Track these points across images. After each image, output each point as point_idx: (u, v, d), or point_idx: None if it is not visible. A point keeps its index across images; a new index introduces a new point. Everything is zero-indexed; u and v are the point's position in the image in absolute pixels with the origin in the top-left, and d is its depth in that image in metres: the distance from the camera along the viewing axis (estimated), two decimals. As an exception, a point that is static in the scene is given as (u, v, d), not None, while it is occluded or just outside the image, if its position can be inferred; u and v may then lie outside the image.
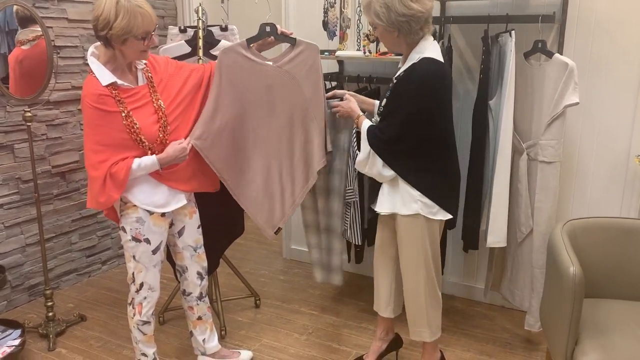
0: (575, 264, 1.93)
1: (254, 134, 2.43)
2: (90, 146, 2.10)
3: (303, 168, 2.50)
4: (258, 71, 2.38)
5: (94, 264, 3.69)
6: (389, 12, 2.04)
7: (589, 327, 2.03)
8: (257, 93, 2.40)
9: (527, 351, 2.76)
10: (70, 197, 3.47)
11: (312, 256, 2.87)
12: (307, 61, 2.41)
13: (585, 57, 2.76)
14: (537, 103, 2.56)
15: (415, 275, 2.29)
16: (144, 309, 2.33)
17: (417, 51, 2.13)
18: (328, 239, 2.79)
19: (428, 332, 2.35)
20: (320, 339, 2.89)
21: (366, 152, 2.22)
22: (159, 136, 2.18)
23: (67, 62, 3.33)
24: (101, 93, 2.06)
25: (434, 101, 2.11)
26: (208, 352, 2.60)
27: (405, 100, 2.12)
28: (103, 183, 2.09)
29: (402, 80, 2.15)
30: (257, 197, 2.48)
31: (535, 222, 2.62)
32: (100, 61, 2.12)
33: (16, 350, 2.57)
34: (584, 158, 2.87)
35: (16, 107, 3.06)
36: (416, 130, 2.13)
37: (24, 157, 3.16)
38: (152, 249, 2.25)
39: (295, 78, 2.40)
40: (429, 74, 2.08)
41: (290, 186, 2.51)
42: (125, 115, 2.10)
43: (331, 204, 2.73)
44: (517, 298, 2.78)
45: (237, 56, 2.35)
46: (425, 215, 2.19)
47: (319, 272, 2.88)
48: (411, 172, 2.18)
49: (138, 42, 2.07)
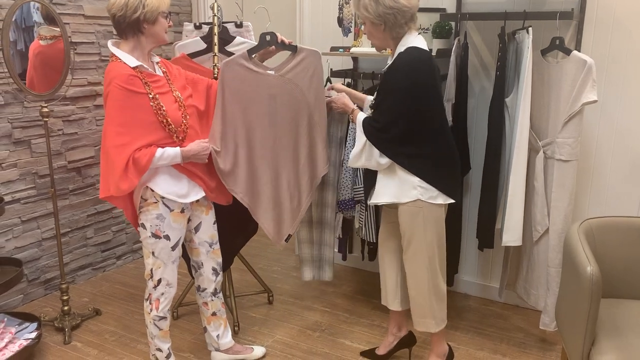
0: (592, 263, 1.90)
1: (261, 144, 2.45)
2: (113, 129, 2.09)
3: (309, 175, 2.55)
4: (261, 82, 2.39)
5: (108, 258, 3.72)
6: (377, 5, 2.13)
7: (606, 327, 2.00)
8: (261, 104, 2.41)
9: (542, 351, 2.74)
10: (86, 192, 3.50)
11: (302, 252, 2.83)
12: (309, 68, 2.44)
13: (604, 54, 2.72)
14: (554, 101, 2.53)
15: (418, 264, 2.30)
16: (161, 304, 2.35)
17: (403, 44, 2.19)
18: (320, 232, 2.79)
19: (433, 322, 2.36)
20: (333, 336, 2.89)
21: (362, 144, 2.25)
22: (182, 122, 2.21)
23: (84, 58, 3.36)
24: (130, 74, 2.09)
25: (421, 85, 2.16)
26: (222, 348, 2.61)
27: (393, 87, 2.17)
28: (125, 167, 2.07)
29: (389, 70, 2.21)
30: (267, 208, 2.50)
31: (552, 221, 2.59)
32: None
33: (32, 343, 2.59)
34: (601, 156, 2.83)
35: (33, 102, 3.08)
36: (407, 115, 2.17)
37: (41, 152, 3.19)
38: (171, 245, 2.26)
39: (299, 86, 2.43)
40: (412, 58, 2.15)
41: (297, 194, 2.55)
42: (153, 97, 2.13)
43: (325, 195, 2.74)
44: (532, 297, 2.76)
45: (239, 68, 2.36)
46: (426, 200, 2.21)
47: (308, 270, 2.84)
48: (407, 158, 2.21)
49: (164, 20, 2.15)
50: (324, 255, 2.81)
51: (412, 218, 2.25)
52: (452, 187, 2.28)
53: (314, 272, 2.85)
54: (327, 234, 2.77)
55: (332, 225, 2.76)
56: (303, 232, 2.79)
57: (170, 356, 2.47)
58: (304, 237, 2.81)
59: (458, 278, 3.27)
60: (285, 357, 2.70)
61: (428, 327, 2.38)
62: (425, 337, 2.83)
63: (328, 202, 2.74)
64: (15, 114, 3.04)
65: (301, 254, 2.82)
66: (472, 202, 3.11)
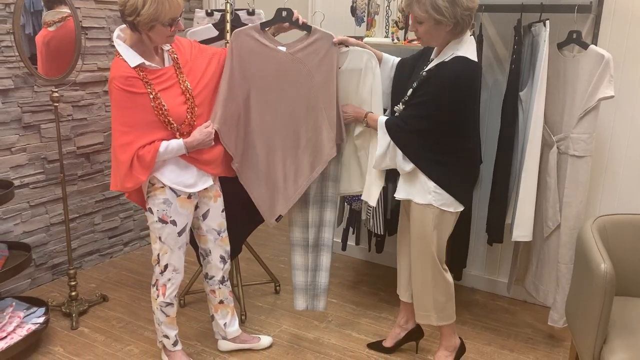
0: (606, 261, 1.88)
1: (261, 119, 2.40)
2: (118, 127, 2.11)
3: (308, 157, 2.43)
4: (269, 56, 2.35)
5: (116, 245, 3.72)
6: (454, 6, 2.00)
7: (618, 325, 1.98)
8: (266, 78, 2.37)
9: (550, 347, 2.73)
10: (94, 179, 3.50)
11: (295, 280, 2.61)
12: (321, 50, 2.36)
13: (621, 49, 2.68)
14: (570, 95, 2.50)
15: (422, 261, 2.32)
16: (168, 290, 2.34)
17: (453, 47, 2.11)
18: (316, 257, 2.57)
19: (435, 316, 2.37)
20: (340, 327, 2.89)
21: (385, 144, 2.22)
22: (186, 117, 2.18)
23: (94, 43, 3.34)
24: (129, 75, 2.06)
25: (462, 100, 2.11)
26: (229, 337, 2.61)
27: (434, 95, 2.10)
28: (130, 166, 2.10)
29: (433, 74, 2.12)
30: (259, 183, 2.46)
31: (564, 217, 2.57)
32: (127, 44, 2.12)
33: (40, 328, 2.60)
34: (614, 153, 2.80)
35: (43, 87, 3.07)
36: (440, 125, 2.13)
37: (50, 138, 3.18)
38: (177, 230, 2.26)
39: (307, 66, 2.36)
40: (460, 72, 2.07)
41: (293, 175, 2.45)
42: (154, 97, 2.10)
43: (323, 214, 2.54)
44: (541, 293, 2.75)
45: (249, 39, 2.33)
46: (438, 207, 2.20)
47: (301, 299, 2.62)
48: (430, 164, 2.19)
49: (165, 29, 2.06)
50: (319, 283, 2.59)
51: (421, 219, 2.25)
52: (465, 196, 2.28)
53: (308, 302, 2.62)
54: (323, 257, 2.56)
55: (329, 247, 2.55)
56: (297, 257, 2.58)
57: (177, 343, 2.47)
58: (298, 263, 2.58)
59: (466, 272, 3.25)
60: (292, 347, 2.70)
61: (430, 320, 2.39)
62: (433, 330, 2.82)
63: (325, 221, 2.54)
64: (25, 98, 3.03)
65: (295, 282, 2.61)
66: (483, 197, 3.08)
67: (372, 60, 2.36)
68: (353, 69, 2.38)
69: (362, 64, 2.37)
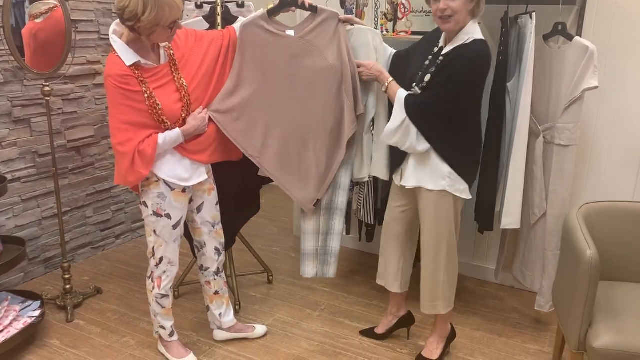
0: (592, 247, 1.95)
1: (283, 109, 2.40)
2: (115, 125, 2.12)
3: (338, 137, 2.44)
4: (280, 44, 2.36)
5: (108, 237, 3.74)
6: None
7: (603, 309, 2.06)
8: (281, 67, 2.37)
9: (537, 331, 2.81)
10: (85, 172, 3.50)
11: (305, 245, 2.55)
12: (329, 29, 2.36)
13: (604, 40, 2.74)
14: (555, 86, 2.56)
15: (437, 251, 2.33)
16: (163, 282, 2.38)
17: (468, 32, 2.15)
18: (328, 220, 2.56)
19: (442, 305, 2.40)
20: (333, 315, 2.94)
21: (400, 120, 2.19)
22: (181, 116, 2.19)
23: (83, 36, 3.33)
24: (125, 73, 2.06)
25: (481, 81, 2.16)
26: (224, 326, 2.65)
27: (459, 76, 2.12)
28: (132, 161, 2.11)
29: (457, 56, 2.12)
30: (292, 173, 2.44)
31: (549, 205, 2.64)
32: (123, 40, 2.09)
33: (37, 321, 2.62)
34: (598, 142, 2.87)
35: (33, 81, 3.06)
36: (462, 106, 2.16)
37: (41, 132, 3.18)
38: (172, 224, 2.28)
39: (318, 47, 2.36)
40: (484, 55, 2.12)
41: (325, 158, 2.44)
42: (148, 96, 2.10)
43: (337, 175, 2.52)
44: (528, 279, 2.82)
45: (259, 30, 2.34)
46: (452, 192, 2.23)
47: (310, 265, 2.57)
48: (448, 147, 2.20)
49: (165, 31, 2.05)
50: (330, 247, 2.58)
51: (436, 206, 2.26)
52: (471, 183, 2.32)
53: (317, 268, 2.59)
54: (336, 220, 2.55)
55: (343, 210, 2.54)
56: (308, 222, 2.54)
57: (173, 334, 2.51)
58: (308, 227, 2.54)
59: (455, 260, 3.31)
60: (286, 335, 2.75)
61: (437, 309, 2.41)
62: (423, 316, 2.89)
63: (340, 184, 2.53)
64: (14, 92, 3.02)
65: (304, 248, 2.55)
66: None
67: (376, 38, 2.40)
68: (358, 46, 2.41)
69: (367, 41, 2.40)
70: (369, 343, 2.69)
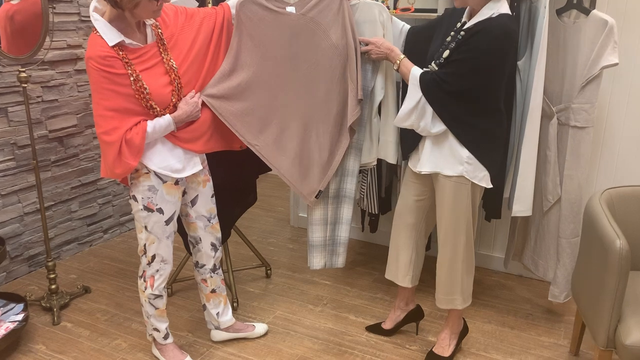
0: (621, 237, 1.81)
1: (283, 92, 2.23)
2: (99, 112, 1.93)
3: (342, 122, 2.28)
4: (281, 22, 2.18)
5: (95, 232, 3.55)
6: None
7: (631, 302, 1.93)
8: (282, 47, 2.19)
9: (550, 322, 2.68)
10: (69, 164, 3.30)
11: (313, 236, 2.42)
12: (333, 5, 2.19)
13: (619, 14, 2.59)
14: (570, 64, 2.40)
15: (455, 241, 2.18)
16: (156, 282, 2.21)
17: (492, 6, 1.97)
18: (336, 208, 2.43)
19: (460, 299, 2.27)
20: (336, 310, 2.79)
21: (415, 100, 2.03)
22: (171, 101, 2.00)
23: (62, 18, 3.11)
24: (107, 54, 1.86)
25: (505, 61, 1.97)
26: (222, 326, 2.49)
27: (476, 52, 1.94)
28: (118, 152, 1.92)
29: (480, 30, 1.94)
30: (292, 162, 2.27)
31: (564, 191, 2.50)
32: (105, 18, 1.90)
33: (20, 326, 2.44)
34: (612, 123, 2.73)
35: (9, 66, 2.85)
36: (482, 86, 1.98)
37: (19, 121, 2.97)
38: (165, 219, 2.11)
39: (322, 25, 2.18)
40: (509, 29, 1.94)
41: (328, 144, 2.28)
42: (134, 80, 1.91)
43: (345, 162, 2.38)
44: (540, 268, 2.69)
45: (257, 8, 2.15)
46: (470, 178, 2.07)
47: (318, 257, 2.45)
48: (466, 129, 2.03)
49: (151, 3, 1.86)
50: (339, 237, 2.44)
51: (453, 193, 2.10)
52: (496, 171, 2.14)
53: (326, 258, 2.46)
54: (344, 209, 2.41)
55: (352, 198, 2.39)
56: (316, 212, 2.39)
57: (168, 336, 2.35)
58: (316, 217, 2.39)
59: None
60: (288, 334, 2.60)
61: (455, 304, 2.27)
62: (432, 310, 2.75)
63: (349, 170, 2.38)
64: (-11, 79, 2.81)
65: (312, 239, 2.42)
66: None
67: (383, 13, 2.24)
68: (363, 21, 2.25)
69: (373, 17, 2.24)
70: (376, 339, 2.55)
